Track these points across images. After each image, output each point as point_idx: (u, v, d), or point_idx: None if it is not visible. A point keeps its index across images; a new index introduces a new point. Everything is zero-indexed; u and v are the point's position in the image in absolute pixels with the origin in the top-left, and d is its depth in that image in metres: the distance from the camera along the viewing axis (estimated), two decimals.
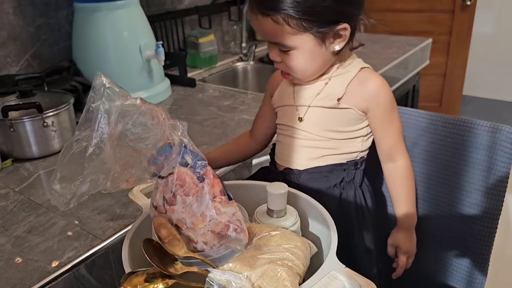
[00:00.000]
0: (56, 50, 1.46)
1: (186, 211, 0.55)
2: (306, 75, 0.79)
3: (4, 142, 1.08)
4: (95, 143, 0.50)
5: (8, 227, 0.83)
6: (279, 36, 0.74)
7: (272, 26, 0.73)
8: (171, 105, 1.42)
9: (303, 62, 0.77)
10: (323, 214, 0.65)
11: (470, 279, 0.93)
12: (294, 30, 0.73)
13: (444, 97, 2.90)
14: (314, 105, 0.81)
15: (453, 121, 0.88)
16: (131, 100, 0.52)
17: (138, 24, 1.40)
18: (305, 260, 0.57)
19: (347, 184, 0.82)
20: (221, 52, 1.99)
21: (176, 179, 0.55)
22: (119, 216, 0.84)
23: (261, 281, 0.52)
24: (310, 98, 0.81)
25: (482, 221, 0.88)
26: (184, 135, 0.55)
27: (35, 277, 0.70)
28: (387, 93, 0.80)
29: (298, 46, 0.75)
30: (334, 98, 0.79)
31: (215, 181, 0.56)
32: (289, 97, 0.84)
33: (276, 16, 0.72)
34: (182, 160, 0.55)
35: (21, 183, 0.98)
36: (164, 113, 0.55)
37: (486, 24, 3.11)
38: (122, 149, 0.53)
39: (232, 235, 0.56)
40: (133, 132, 0.53)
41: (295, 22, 0.72)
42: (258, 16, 0.74)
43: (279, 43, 0.76)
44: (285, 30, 0.73)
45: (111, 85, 0.51)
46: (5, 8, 1.31)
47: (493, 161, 0.85)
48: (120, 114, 0.51)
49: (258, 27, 0.76)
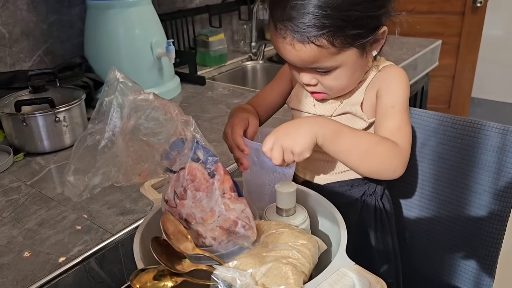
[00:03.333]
0: (68, 46, 1.47)
1: (196, 206, 0.56)
2: (345, 91, 0.73)
3: (16, 136, 1.09)
4: (107, 136, 0.51)
5: (20, 220, 0.84)
6: (322, 60, 0.65)
7: (315, 52, 0.64)
8: (181, 103, 1.43)
9: (346, 79, 0.69)
10: (332, 211, 0.65)
11: (478, 281, 0.93)
12: (338, 49, 0.64)
13: (453, 99, 2.89)
14: (337, 113, 0.75)
15: (462, 122, 0.88)
16: (144, 95, 0.53)
17: (150, 22, 1.41)
18: (311, 258, 0.57)
19: (369, 196, 0.79)
20: (230, 51, 2.00)
21: (187, 174, 0.55)
22: (129, 211, 0.85)
23: (265, 279, 0.52)
24: (332, 108, 0.76)
25: (491, 223, 0.87)
26: (197, 130, 0.56)
27: (46, 269, 0.72)
28: (399, 78, 0.72)
29: (341, 64, 0.67)
30: (357, 104, 0.74)
31: (226, 177, 0.57)
32: (308, 104, 0.79)
33: (319, 39, 0.62)
34: (194, 155, 0.55)
35: (32, 177, 1.00)
36: (177, 108, 0.55)
37: (496, 26, 3.09)
38: (135, 143, 0.53)
39: (240, 231, 0.56)
40: (146, 127, 0.53)
41: (340, 40, 0.63)
42: (296, 45, 0.64)
43: (319, 67, 0.67)
44: (329, 51, 0.64)
45: (125, 80, 0.52)
46: (19, 5, 1.32)
47: (502, 163, 0.84)
48: (133, 109, 0.52)
49: (295, 56, 0.66)
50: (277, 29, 0.65)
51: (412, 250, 0.94)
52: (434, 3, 2.66)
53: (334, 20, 0.61)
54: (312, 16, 0.61)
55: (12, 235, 0.80)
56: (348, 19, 0.62)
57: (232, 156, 0.73)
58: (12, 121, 1.08)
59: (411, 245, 0.94)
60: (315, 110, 0.78)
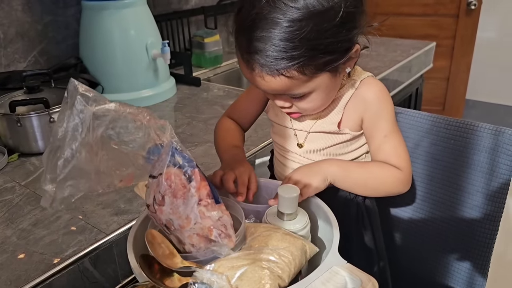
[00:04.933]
0: (64, 47, 1.47)
1: (174, 212, 0.55)
2: (321, 109, 0.73)
3: (11, 136, 1.09)
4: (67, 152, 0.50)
5: (14, 220, 0.84)
6: (294, 88, 0.64)
7: (285, 82, 0.62)
8: (176, 104, 1.44)
9: (320, 100, 0.69)
10: (325, 210, 0.65)
11: (470, 281, 0.93)
12: (309, 77, 0.63)
13: (448, 101, 2.91)
14: (314, 130, 0.76)
15: (455, 123, 0.88)
16: (107, 105, 0.52)
17: (145, 23, 1.41)
18: (294, 262, 0.56)
19: (350, 201, 0.79)
20: (226, 52, 2.00)
21: (165, 180, 0.54)
22: (123, 211, 0.85)
23: (239, 282, 0.51)
24: (310, 124, 0.76)
25: (483, 223, 0.88)
26: (173, 135, 0.55)
27: (40, 269, 0.71)
28: (383, 99, 0.73)
29: (314, 89, 0.66)
30: (334, 123, 0.74)
31: (202, 183, 0.55)
32: (285, 118, 0.78)
33: (289, 71, 0.61)
34: (171, 160, 0.54)
35: (27, 177, 1.00)
36: (149, 114, 0.54)
37: (490, 29, 3.12)
38: (109, 152, 0.53)
39: (215, 239, 0.55)
40: (113, 136, 0.53)
41: (311, 68, 0.62)
42: (265, 77, 0.62)
43: (291, 94, 0.67)
44: (301, 80, 0.63)
45: (85, 92, 0.51)
46: (14, 5, 1.32)
47: (495, 164, 0.85)
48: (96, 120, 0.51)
49: (266, 87, 0.64)
50: (244, 60, 0.63)
51: (405, 250, 0.95)
52: (428, 6, 2.68)
53: (304, 51, 0.59)
54: (279, 48, 0.59)
55: (6, 235, 0.80)
56: (317, 48, 0.60)
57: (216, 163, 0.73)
58: (6, 122, 1.08)
59: (403, 246, 0.95)
60: (292, 124, 0.78)
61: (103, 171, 0.53)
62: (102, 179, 0.54)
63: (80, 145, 0.50)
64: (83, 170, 0.51)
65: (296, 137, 0.79)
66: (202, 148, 1.10)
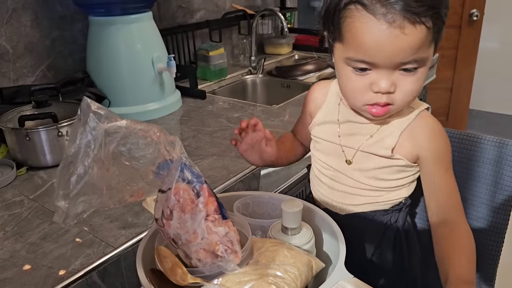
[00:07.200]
0: (71, 61, 1.49)
1: (181, 227, 0.56)
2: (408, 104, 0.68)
3: (19, 150, 1.11)
4: (79, 168, 0.51)
5: (22, 234, 0.85)
6: (423, 48, 0.61)
7: (422, 36, 0.59)
8: (182, 116, 1.45)
9: (419, 86, 0.64)
10: (330, 224, 0.65)
11: None
12: (433, 37, 0.61)
13: (451, 111, 2.91)
14: (363, 150, 0.73)
15: (459, 135, 0.89)
16: (119, 122, 0.53)
17: (151, 37, 1.44)
18: (300, 277, 0.56)
19: (389, 226, 0.77)
20: (230, 65, 2.02)
21: (174, 194, 0.55)
22: (131, 225, 0.86)
23: None
24: (360, 141, 0.74)
25: (489, 235, 0.88)
26: (182, 151, 0.56)
27: (49, 283, 0.72)
28: (442, 141, 0.71)
29: (426, 58, 0.62)
30: (388, 148, 0.71)
31: (210, 199, 0.56)
32: (332, 134, 0.77)
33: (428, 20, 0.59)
34: (180, 176, 0.55)
35: (35, 191, 1.01)
36: (159, 131, 0.55)
37: (493, 39, 3.13)
38: (120, 167, 0.54)
39: (221, 255, 0.55)
40: (124, 152, 0.54)
41: (439, 24, 0.60)
42: (406, 28, 0.58)
43: (417, 59, 0.62)
44: (429, 38, 0.60)
45: (98, 109, 0.52)
46: (23, 21, 1.35)
47: (499, 176, 0.86)
48: (108, 137, 0.52)
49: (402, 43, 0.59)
50: (378, 15, 0.59)
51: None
52: None
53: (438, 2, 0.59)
54: None
55: (15, 249, 0.81)
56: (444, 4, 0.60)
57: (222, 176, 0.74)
58: (15, 136, 1.10)
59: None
60: (340, 140, 0.76)
61: (114, 186, 0.54)
62: (114, 195, 0.55)
63: (92, 161, 0.51)
64: (95, 185, 0.52)
65: (343, 153, 0.76)
66: (208, 161, 1.11)
